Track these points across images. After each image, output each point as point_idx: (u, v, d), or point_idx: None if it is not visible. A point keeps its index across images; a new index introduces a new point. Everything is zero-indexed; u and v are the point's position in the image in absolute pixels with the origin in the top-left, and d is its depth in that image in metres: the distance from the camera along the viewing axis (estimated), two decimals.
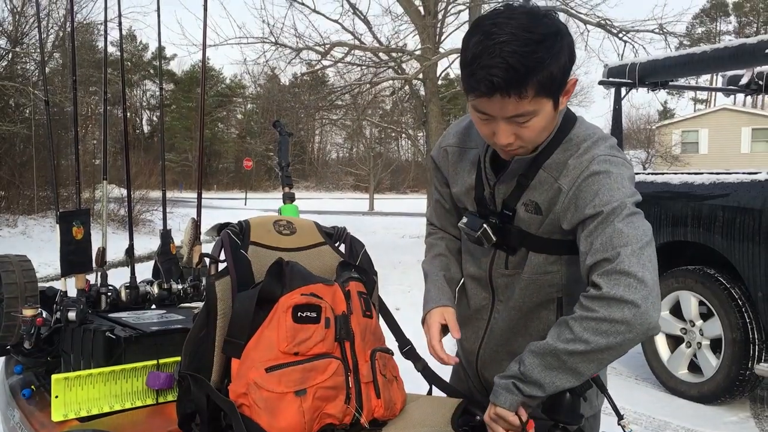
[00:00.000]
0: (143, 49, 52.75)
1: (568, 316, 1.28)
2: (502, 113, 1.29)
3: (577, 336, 1.24)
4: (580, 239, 1.33)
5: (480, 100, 1.30)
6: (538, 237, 1.44)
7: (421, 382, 1.70)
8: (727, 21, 53.06)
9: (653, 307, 1.22)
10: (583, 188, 1.34)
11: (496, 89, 1.24)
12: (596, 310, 1.23)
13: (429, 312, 1.59)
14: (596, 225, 1.29)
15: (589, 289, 1.27)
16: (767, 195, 3.81)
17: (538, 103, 1.28)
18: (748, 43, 4.46)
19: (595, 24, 11.81)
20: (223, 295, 1.49)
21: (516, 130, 1.32)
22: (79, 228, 2.33)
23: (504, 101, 1.26)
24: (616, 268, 1.23)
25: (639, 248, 1.25)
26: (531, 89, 1.25)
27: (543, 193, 1.41)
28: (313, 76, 18.01)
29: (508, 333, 1.56)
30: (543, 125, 1.34)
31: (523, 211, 1.44)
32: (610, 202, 1.29)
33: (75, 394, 1.84)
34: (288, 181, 2.67)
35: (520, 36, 1.23)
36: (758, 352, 3.92)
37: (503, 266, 1.52)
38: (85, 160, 15.56)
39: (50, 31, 15.91)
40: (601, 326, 1.22)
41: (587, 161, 1.36)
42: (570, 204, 1.36)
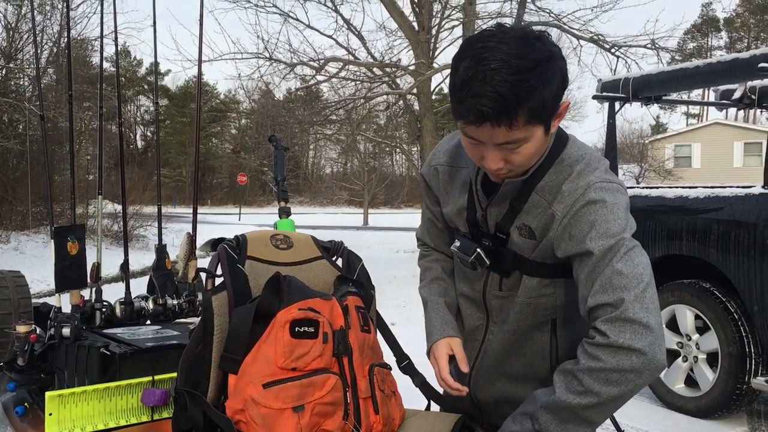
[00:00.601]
0: (137, 65, 52.83)
1: (575, 366, 1.26)
2: (491, 140, 1.27)
3: (588, 388, 1.23)
4: (577, 275, 1.32)
5: (469, 128, 1.27)
6: (532, 261, 1.42)
7: (419, 398, 1.69)
8: (719, 36, 53.53)
9: (660, 351, 1.22)
10: (579, 217, 1.32)
11: (486, 119, 1.22)
12: (604, 360, 1.22)
13: (435, 343, 1.57)
14: (595, 264, 1.28)
15: (595, 336, 1.25)
16: (762, 208, 3.82)
17: (528, 130, 1.26)
18: (740, 57, 4.49)
19: (588, 39, 11.91)
20: (219, 310, 1.48)
21: (506, 156, 1.30)
22: (74, 243, 2.31)
23: (494, 130, 1.24)
24: (621, 315, 1.22)
25: (641, 291, 1.24)
26: (522, 118, 1.22)
27: (537, 217, 1.39)
28: (307, 91, 18.07)
29: (502, 355, 1.55)
30: (533, 151, 1.31)
31: (517, 235, 1.42)
32: (606, 237, 1.28)
33: (69, 411, 1.82)
34: (284, 195, 2.67)
35: (512, 63, 1.20)
36: (755, 366, 3.91)
37: (497, 288, 1.51)
38: (78, 175, 15.53)
39: (45, 46, 15.93)
40: (611, 376, 1.22)
41: (582, 188, 1.34)
42: (564, 233, 1.34)
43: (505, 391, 1.56)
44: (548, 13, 11.77)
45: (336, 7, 12.25)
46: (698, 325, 4.28)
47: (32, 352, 2.24)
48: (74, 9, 14.91)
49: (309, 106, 18.11)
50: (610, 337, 1.22)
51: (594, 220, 1.30)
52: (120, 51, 31.65)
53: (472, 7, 11.36)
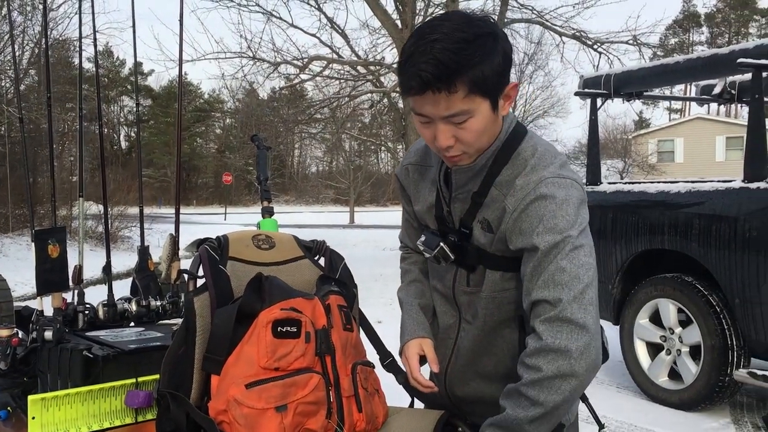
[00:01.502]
0: (120, 65, 52.41)
1: (519, 384, 1.28)
2: (436, 112, 1.29)
3: (534, 401, 1.25)
4: (524, 270, 1.34)
5: (415, 100, 1.30)
6: (492, 254, 1.44)
7: (402, 395, 1.70)
8: (700, 32, 53.99)
9: (596, 352, 1.25)
10: (528, 212, 1.33)
11: (426, 85, 1.25)
12: (542, 368, 1.24)
13: (406, 344, 1.59)
14: (540, 260, 1.29)
15: (529, 342, 1.28)
16: (742, 202, 3.87)
17: (471, 101, 1.28)
18: (720, 53, 4.54)
19: (571, 36, 11.97)
20: (202, 312, 1.48)
21: (455, 132, 1.32)
22: (55, 246, 2.30)
23: (436, 98, 1.26)
24: (558, 315, 1.25)
25: (580, 291, 1.26)
26: (461, 85, 1.25)
27: (494, 211, 1.41)
28: (291, 90, 18.02)
29: (473, 353, 1.55)
30: (481, 127, 1.32)
31: (479, 230, 1.44)
32: (553, 233, 1.29)
33: (52, 414, 1.81)
34: (267, 195, 2.67)
35: (452, 35, 1.25)
36: (737, 358, 3.95)
37: (465, 283, 1.52)
38: (62, 177, 15.41)
39: (25, 48, 15.78)
40: (553, 384, 1.24)
41: (534, 183, 1.35)
42: (515, 226, 1.35)
43: (480, 390, 1.56)
44: (531, 9, 11.84)
45: (319, 5, 12.25)
46: (681, 319, 4.32)
47: (14, 356, 2.23)
48: (55, 9, 14.80)
49: (293, 105, 18.08)
50: (546, 340, 1.24)
51: (542, 215, 1.31)
52: (102, 51, 31.14)
53: (455, 5, 11.38)
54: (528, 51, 23.04)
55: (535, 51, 25.07)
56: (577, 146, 33.34)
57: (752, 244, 3.76)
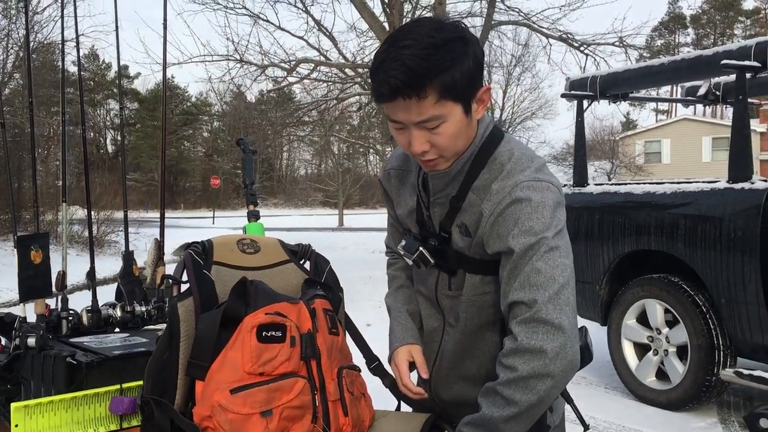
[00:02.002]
0: (106, 69, 52.17)
1: (495, 383, 1.29)
2: (408, 118, 1.30)
3: (509, 399, 1.26)
4: (501, 273, 1.34)
5: (387, 106, 1.31)
6: (471, 258, 1.44)
7: (389, 399, 1.69)
8: (685, 33, 54.45)
9: (572, 352, 1.25)
10: (504, 216, 1.34)
11: (396, 91, 1.26)
12: (519, 369, 1.24)
13: (396, 350, 1.59)
14: (516, 262, 1.30)
15: (506, 342, 1.29)
16: (727, 203, 3.89)
17: (443, 106, 1.28)
18: (704, 54, 4.56)
19: (557, 38, 12.04)
20: (186, 317, 1.46)
21: (429, 137, 1.32)
22: (38, 252, 2.28)
23: (407, 104, 1.27)
24: (534, 316, 1.25)
25: (555, 292, 1.26)
26: (431, 91, 1.26)
27: (471, 215, 1.41)
28: (279, 93, 17.98)
29: (457, 356, 1.55)
30: (455, 131, 1.33)
31: (457, 234, 1.44)
32: (528, 235, 1.29)
33: (36, 422, 1.79)
34: (253, 199, 2.66)
35: (422, 41, 1.26)
36: (723, 357, 3.98)
37: (447, 287, 1.52)
38: (48, 181, 15.30)
39: (10, 51, 15.66)
40: (528, 383, 1.24)
41: (510, 187, 1.35)
42: (492, 231, 1.36)
43: (464, 393, 1.55)
44: (517, 12, 11.88)
45: (306, 8, 12.24)
46: (668, 319, 4.34)
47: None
48: (40, 13, 14.70)
49: (281, 108, 18.04)
50: (521, 341, 1.25)
51: (518, 217, 1.31)
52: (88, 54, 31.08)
53: (442, 7, 11.40)
54: (515, 53, 23.14)
55: (523, 53, 25.21)
56: (565, 147, 33.45)
57: (737, 245, 3.79)
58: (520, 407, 1.25)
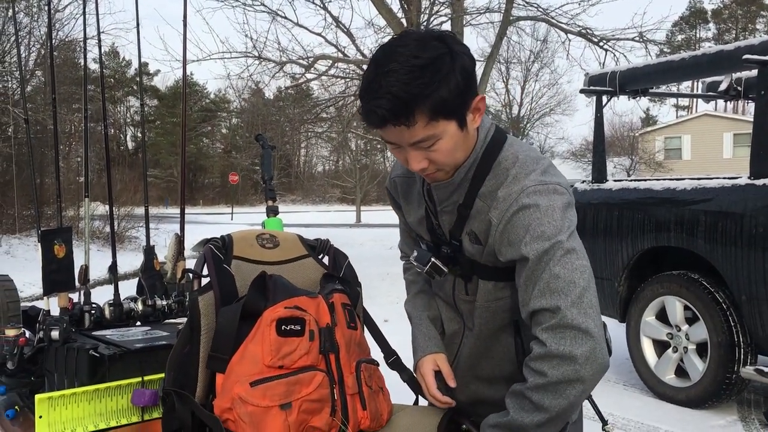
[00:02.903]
0: (126, 66, 52.59)
1: (524, 386, 1.28)
2: (401, 140, 1.31)
3: (538, 405, 1.25)
4: (518, 280, 1.33)
5: (379, 131, 1.32)
6: (484, 265, 1.45)
7: (407, 393, 1.70)
8: (707, 28, 53.74)
9: (602, 355, 1.24)
10: (513, 223, 1.33)
11: (385, 121, 1.26)
12: (548, 374, 1.24)
13: (420, 360, 1.59)
14: (532, 269, 1.29)
15: (534, 347, 1.28)
16: (748, 199, 3.85)
17: (435, 127, 1.27)
18: (725, 49, 4.52)
19: (576, 33, 11.93)
20: (206, 311, 1.48)
21: (426, 155, 1.33)
22: (61, 246, 2.31)
23: (398, 130, 1.27)
24: (560, 322, 1.24)
25: (578, 297, 1.25)
26: (420, 115, 1.25)
27: (480, 223, 1.41)
28: (297, 89, 18.04)
29: (473, 358, 1.58)
30: (451, 147, 1.33)
31: (467, 241, 1.45)
32: (541, 240, 1.28)
33: (59, 413, 1.82)
34: (271, 194, 2.67)
35: (405, 63, 1.24)
36: (744, 355, 3.94)
37: (464, 292, 1.54)
38: (69, 177, 15.48)
39: (32, 49, 15.85)
40: (558, 388, 1.23)
41: (516, 193, 1.34)
42: (502, 238, 1.35)
43: (479, 392, 1.59)
44: (536, 7, 11.77)
45: (324, 4, 12.23)
46: (688, 316, 4.31)
47: (22, 356, 2.23)
48: (61, 11, 14.85)
49: (299, 105, 18.08)
50: (550, 347, 1.23)
51: (528, 224, 1.30)
52: (108, 52, 31.38)
53: (460, 3, 11.37)
54: (534, 49, 22.99)
55: (541, 48, 25.07)
56: (584, 144, 33.25)
57: (758, 241, 3.75)
58: (550, 413, 1.24)
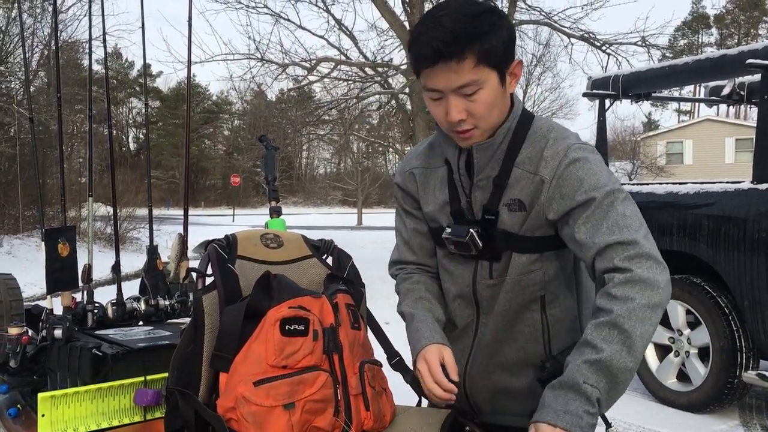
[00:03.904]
0: (129, 67, 52.65)
1: (609, 316, 1.24)
2: (447, 84, 1.34)
3: (629, 333, 1.23)
4: (574, 227, 1.35)
5: (427, 74, 1.36)
6: (521, 236, 1.45)
7: (410, 394, 1.70)
8: (709, 33, 53.74)
9: (671, 287, 1.30)
10: (567, 176, 1.37)
11: (438, 54, 1.31)
12: (635, 298, 1.24)
13: (425, 347, 1.49)
14: (594, 210, 1.33)
15: (615, 276, 1.27)
16: (751, 203, 3.85)
17: (480, 72, 1.33)
18: (728, 54, 4.52)
19: (579, 37, 11.93)
20: (210, 310, 1.49)
21: (466, 105, 1.36)
22: (65, 245, 2.32)
23: (447, 68, 1.32)
24: (639, 252, 1.28)
25: (646, 233, 1.31)
26: (470, 54, 1.31)
27: (523, 189, 1.42)
28: (299, 91, 18.05)
29: (495, 343, 1.54)
30: (491, 99, 1.37)
31: (506, 212, 1.44)
32: (599, 187, 1.34)
33: (62, 412, 1.82)
34: (275, 195, 2.68)
35: (459, 11, 1.33)
36: (746, 360, 3.94)
37: (488, 276, 1.51)
38: (71, 178, 15.49)
39: (35, 49, 15.87)
40: (646, 314, 1.24)
41: (564, 150, 1.39)
42: (555, 193, 1.38)
43: (502, 382, 1.55)
44: (539, 11, 11.80)
45: (327, 7, 12.25)
46: (690, 320, 4.30)
47: (24, 354, 2.24)
48: (65, 12, 14.89)
49: (301, 107, 18.09)
50: (636, 272, 1.25)
51: (582, 176, 1.36)
52: (111, 53, 31.34)
53: None
54: (536, 52, 23.01)
55: (544, 52, 25.06)
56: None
57: (761, 246, 3.75)
58: (639, 344, 1.23)
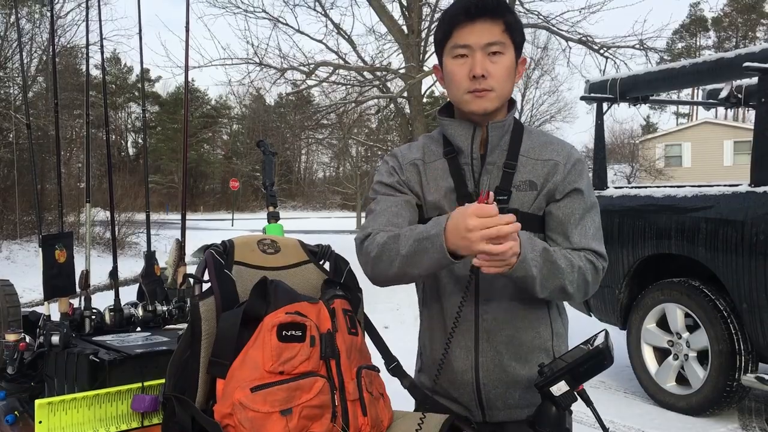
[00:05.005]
0: (128, 72, 52.68)
1: (575, 261, 1.51)
2: (479, 39, 1.52)
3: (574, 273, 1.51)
4: (562, 211, 1.58)
5: (459, 31, 1.54)
6: (529, 215, 1.57)
7: (407, 400, 1.70)
8: (707, 36, 53.83)
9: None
10: (577, 166, 1.61)
11: (482, 11, 1.51)
12: (588, 272, 1.54)
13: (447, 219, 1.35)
14: (585, 212, 1.59)
15: (591, 258, 1.56)
16: (749, 207, 3.86)
17: (506, 39, 1.54)
18: (726, 57, 4.53)
19: (577, 41, 11.94)
20: (207, 316, 1.48)
21: (488, 65, 1.53)
22: (62, 251, 2.31)
23: (482, 26, 1.52)
24: (604, 267, 1.59)
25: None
26: (503, 20, 1.53)
27: (533, 171, 1.59)
28: (298, 96, 18.06)
29: (503, 330, 1.57)
30: (509, 69, 1.55)
31: (516, 193, 1.57)
32: (590, 191, 1.63)
33: (59, 419, 1.82)
34: (273, 200, 2.67)
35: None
36: (744, 362, 3.94)
37: None
38: (70, 183, 15.49)
39: (34, 55, 15.88)
40: (582, 280, 1.53)
41: (569, 146, 1.64)
42: (570, 175, 1.59)
43: (516, 372, 1.58)
44: (537, 15, 11.80)
45: (326, 11, 12.26)
46: (688, 323, 4.30)
47: (22, 361, 2.23)
48: (63, 17, 14.90)
49: (300, 111, 18.10)
50: (597, 265, 1.57)
51: (582, 171, 1.62)
52: (110, 58, 31.39)
53: None
54: (534, 56, 23.03)
55: (542, 56, 25.10)
56: (584, 151, 33.20)
57: (759, 249, 3.75)
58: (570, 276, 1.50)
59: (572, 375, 1.33)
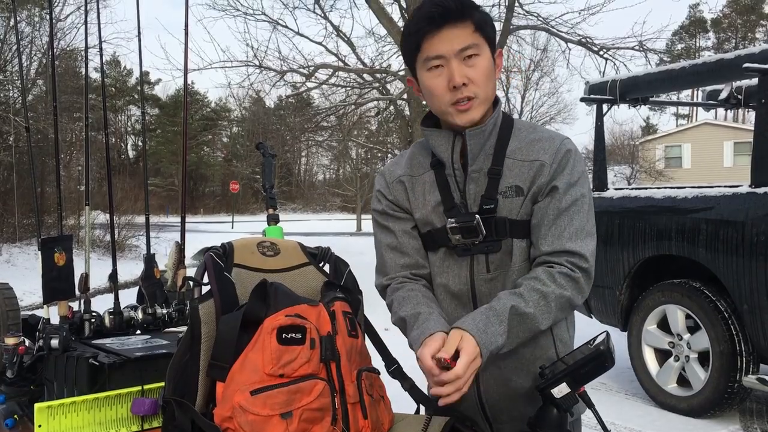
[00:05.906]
0: (127, 75, 52.73)
1: (546, 290, 1.43)
2: (451, 47, 1.45)
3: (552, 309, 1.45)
4: (543, 208, 1.50)
5: (429, 43, 1.47)
6: (520, 221, 1.52)
7: (408, 402, 1.69)
8: (706, 37, 53.89)
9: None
10: (563, 162, 1.52)
11: (444, 18, 1.44)
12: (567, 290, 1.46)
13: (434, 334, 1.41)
14: (568, 207, 1.49)
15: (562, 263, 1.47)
16: (749, 208, 3.85)
17: (478, 38, 1.47)
18: (725, 58, 4.53)
19: (576, 42, 11.94)
20: (207, 318, 1.48)
21: (466, 71, 1.46)
22: (61, 254, 2.30)
23: (450, 32, 1.45)
24: (588, 270, 1.49)
25: (594, 247, 1.52)
26: (471, 20, 1.46)
27: (519, 175, 1.52)
28: (298, 98, 18.08)
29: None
30: (487, 69, 1.49)
31: (503, 200, 1.51)
32: (579, 184, 1.52)
33: (59, 422, 1.81)
34: (272, 202, 2.67)
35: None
36: (746, 364, 3.93)
37: (485, 270, 1.53)
38: (69, 186, 15.49)
39: (33, 58, 15.90)
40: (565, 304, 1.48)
41: (559, 140, 1.55)
42: (555, 174, 1.51)
43: (520, 384, 1.55)
44: (536, 16, 11.80)
45: (325, 14, 12.25)
46: (689, 325, 4.30)
47: (21, 364, 2.22)
48: (62, 20, 14.91)
49: (300, 113, 18.10)
50: (577, 275, 1.48)
51: (573, 165, 1.52)
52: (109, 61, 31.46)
53: None
54: (534, 57, 23.07)
55: (541, 57, 25.15)
56: (584, 152, 33.20)
57: (760, 249, 3.75)
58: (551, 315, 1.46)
59: (573, 377, 1.33)
